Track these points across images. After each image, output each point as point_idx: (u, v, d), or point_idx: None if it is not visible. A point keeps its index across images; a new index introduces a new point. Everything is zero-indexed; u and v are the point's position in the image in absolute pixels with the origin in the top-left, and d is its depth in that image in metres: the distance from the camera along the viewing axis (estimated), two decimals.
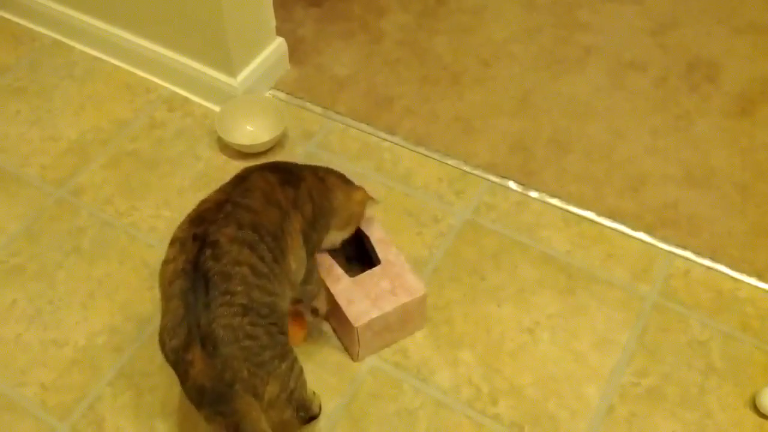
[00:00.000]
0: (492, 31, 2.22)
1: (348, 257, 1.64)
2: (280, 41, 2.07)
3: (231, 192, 1.35)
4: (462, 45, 2.18)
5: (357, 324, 1.49)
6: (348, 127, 1.99)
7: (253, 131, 1.97)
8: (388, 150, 1.94)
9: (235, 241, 1.26)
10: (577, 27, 2.22)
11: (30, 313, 1.67)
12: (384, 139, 1.96)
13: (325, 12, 2.28)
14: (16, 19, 2.28)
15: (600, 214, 1.80)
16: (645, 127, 1.97)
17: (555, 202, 1.82)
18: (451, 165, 1.90)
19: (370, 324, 1.50)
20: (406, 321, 1.57)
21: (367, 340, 1.54)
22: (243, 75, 1.99)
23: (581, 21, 2.24)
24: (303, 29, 2.23)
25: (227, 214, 1.30)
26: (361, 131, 1.98)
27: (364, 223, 1.60)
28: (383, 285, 1.53)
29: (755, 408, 1.50)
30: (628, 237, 1.76)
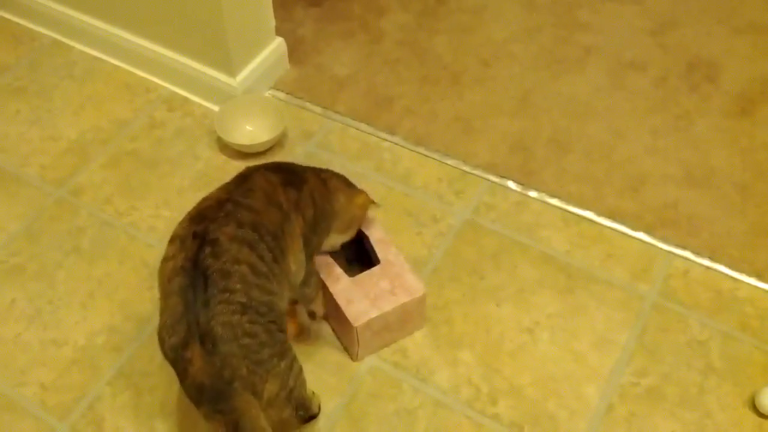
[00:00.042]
0: (492, 31, 2.22)
1: (348, 258, 1.64)
2: (279, 41, 2.07)
3: (233, 191, 1.35)
4: (462, 45, 2.18)
5: (356, 324, 1.49)
6: (348, 127, 1.99)
7: (253, 131, 1.97)
8: (387, 150, 1.94)
9: (235, 240, 1.26)
10: (577, 27, 2.22)
11: (30, 313, 1.67)
12: (384, 139, 1.96)
13: (325, 12, 2.28)
14: (16, 19, 2.28)
15: (600, 214, 1.80)
16: (645, 127, 1.97)
17: (555, 202, 1.82)
18: (451, 165, 1.90)
19: (369, 324, 1.50)
20: (405, 321, 1.56)
21: (367, 339, 1.54)
22: (242, 75, 1.99)
23: (581, 21, 2.24)
24: (303, 29, 2.23)
25: (228, 212, 1.30)
26: (361, 131, 1.98)
27: (363, 223, 1.60)
28: (383, 285, 1.53)
29: (754, 408, 1.50)
30: (627, 237, 1.76)
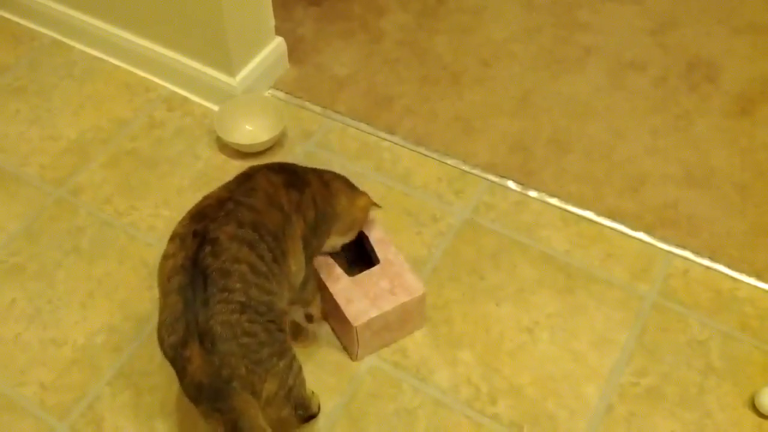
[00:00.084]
0: (492, 31, 2.22)
1: (348, 258, 1.64)
2: (279, 41, 2.07)
3: (234, 190, 1.36)
4: (462, 45, 2.18)
5: (356, 323, 1.49)
6: (347, 127, 1.99)
7: (253, 131, 1.97)
8: (387, 149, 1.94)
9: (235, 239, 1.26)
10: (577, 27, 2.22)
11: (29, 313, 1.67)
12: (383, 139, 1.96)
13: (325, 11, 2.28)
14: (15, 19, 2.28)
15: (599, 213, 1.80)
16: (645, 127, 1.97)
17: (554, 201, 1.82)
18: (451, 165, 1.90)
19: (369, 323, 1.50)
20: (405, 320, 1.56)
21: (366, 339, 1.53)
22: (242, 74, 1.99)
23: (581, 21, 2.24)
24: (302, 29, 2.23)
25: (228, 212, 1.30)
26: (361, 131, 1.98)
27: (364, 224, 1.60)
28: (382, 284, 1.53)
29: (754, 408, 1.50)
30: (627, 237, 1.76)
